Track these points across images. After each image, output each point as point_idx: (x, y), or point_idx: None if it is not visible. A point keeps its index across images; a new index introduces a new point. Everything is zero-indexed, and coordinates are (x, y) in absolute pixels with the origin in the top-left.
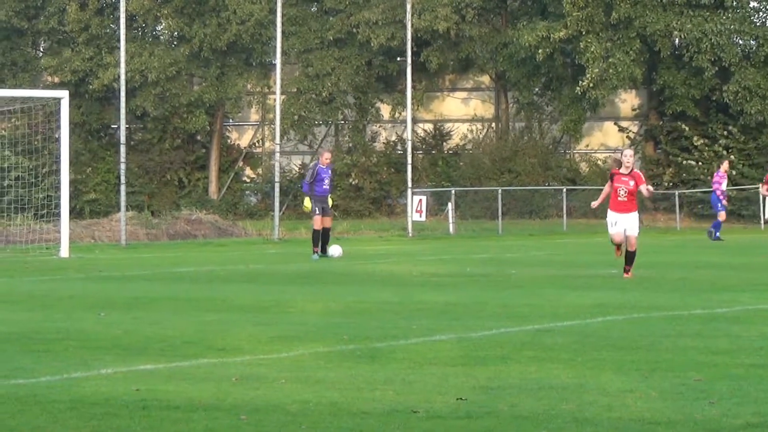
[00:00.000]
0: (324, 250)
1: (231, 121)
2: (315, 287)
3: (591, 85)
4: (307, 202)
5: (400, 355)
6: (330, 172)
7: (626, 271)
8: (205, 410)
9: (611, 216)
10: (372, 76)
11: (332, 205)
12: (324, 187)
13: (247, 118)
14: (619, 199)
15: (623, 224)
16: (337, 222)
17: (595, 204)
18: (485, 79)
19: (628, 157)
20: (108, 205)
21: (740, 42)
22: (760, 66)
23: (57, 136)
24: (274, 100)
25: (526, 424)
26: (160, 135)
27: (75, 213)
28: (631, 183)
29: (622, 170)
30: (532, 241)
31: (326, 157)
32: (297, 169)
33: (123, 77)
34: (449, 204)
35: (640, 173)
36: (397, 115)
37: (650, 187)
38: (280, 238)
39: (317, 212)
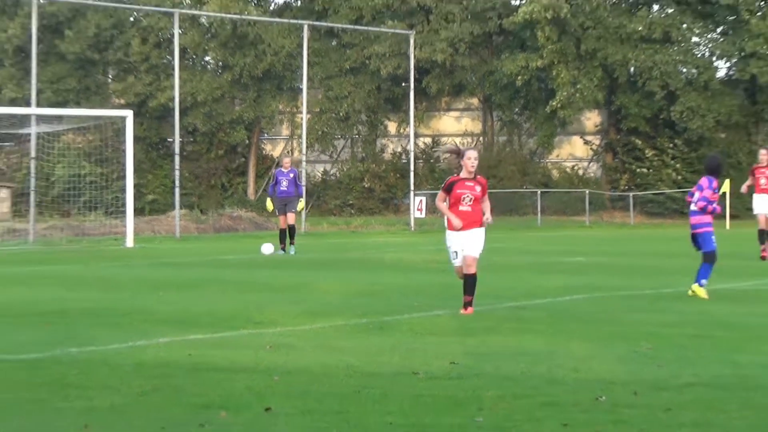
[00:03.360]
0: (283, 246)
1: (266, 135)
2: (335, 272)
3: (561, 105)
4: (269, 204)
5: (404, 327)
6: (291, 175)
7: (466, 305)
8: (244, 372)
9: (451, 239)
10: (381, 99)
11: (351, 204)
12: (282, 189)
13: (279, 133)
14: (461, 208)
15: (462, 244)
16: (353, 218)
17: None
18: (474, 101)
19: (473, 159)
20: (165, 204)
21: (684, 70)
22: (701, 90)
23: (123, 148)
24: (301, 118)
25: (507, 383)
26: (207, 147)
27: (138, 211)
28: (478, 189)
29: (464, 174)
30: (512, 234)
31: (284, 162)
32: (320, 175)
33: (177, 99)
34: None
35: (486, 181)
36: (402, 130)
37: (489, 217)
38: (305, 231)
39: (277, 213)
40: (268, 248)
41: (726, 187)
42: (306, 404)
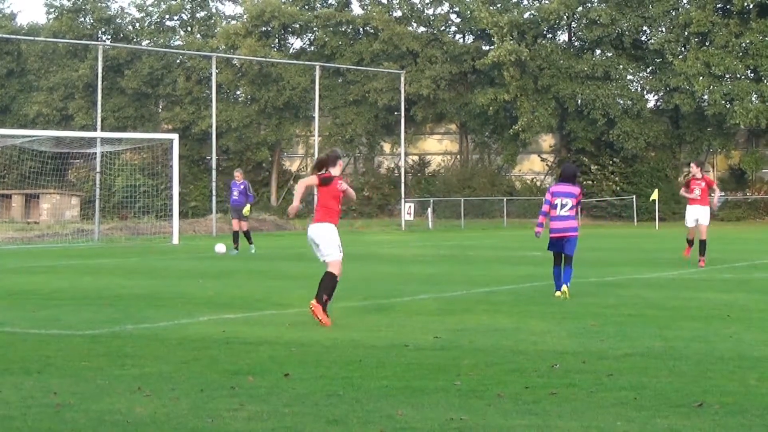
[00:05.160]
0: (236, 246)
1: (285, 154)
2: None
3: (522, 129)
4: (228, 207)
5: (397, 308)
6: (242, 186)
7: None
8: (268, 344)
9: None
10: (378, 125)
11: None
12: (234, 198)
13: (295, 152)
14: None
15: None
16: (355, 220)
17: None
18: (453, 126)
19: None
20: (204, 209)
21: (621, 102)
22: (634, 117)
23: (170, 164)
24: (314, 140)
25: (480, 354)
26: (238, 163)
27: (182, 214)
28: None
29: (335, 171)
30: (484, 233)
31: (236, 175)
32: None
33: (214, 125)
34: (429, 209)
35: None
36: (394, 150)
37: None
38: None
39: (233, 217)
40: (221, 248)
41: (655, 195)
42: (318, 371)
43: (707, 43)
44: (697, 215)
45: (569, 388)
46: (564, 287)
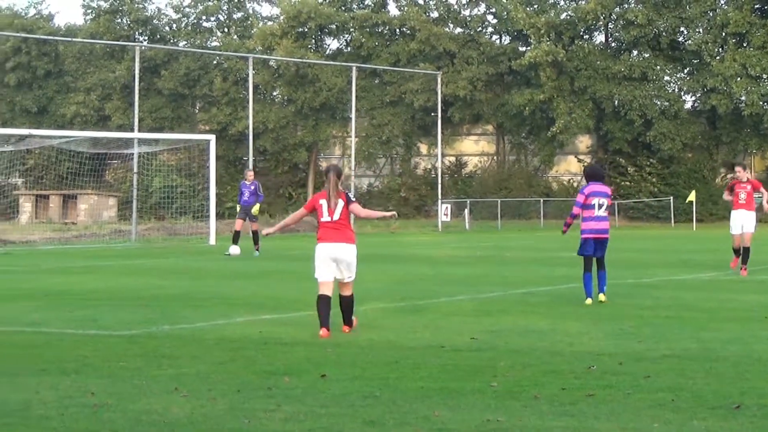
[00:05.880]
0: (234, 245)
1: (322, 155)
2: (378, 264)
3: (559, 131)
4: (238, 208)
5: (433, 310)
6: (252, 187)
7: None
8: (304, 345)
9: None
10: (415, 126)
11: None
12: (244, 199)
13: (332, 153)
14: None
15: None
16: (391, 221)
17: None
18: (489, 127)
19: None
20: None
21: (658, 103)
22: (671, 118)
23: (207, 165)
24: (351, 141)
25: (516, 355)
26: (275, 164)
27: (219, 215)
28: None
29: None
30: (520, 234)
31: (247, 175)
32: (365, 186)
33: (251, 126)
34: (465, 210)
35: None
36: (431, 151)
37: None
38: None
39: (239, 217)
40: (235, 249)
41: (692, 196)
42: (354, 372)
43: (745, 44)
44: (743, 221)
45: (606, 389)
46: (602, 296)
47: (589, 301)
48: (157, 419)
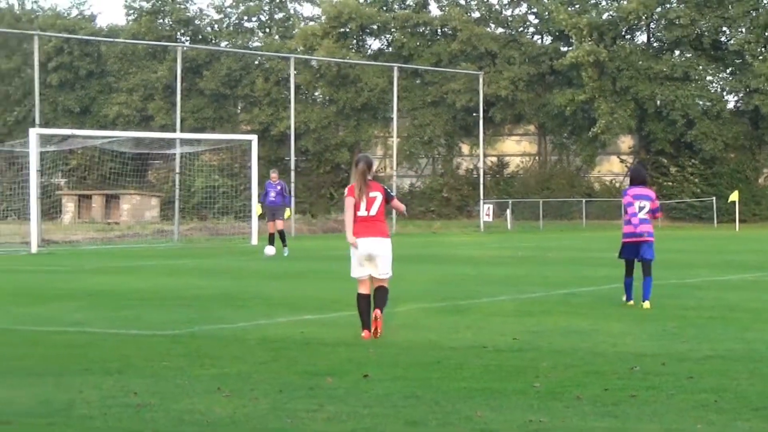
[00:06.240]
0: (272, 244)
1: None
2: (420, 264)
3: (601, 131)
4: (259, 209)
5: (475, 310)
6: (278, 187)
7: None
8: (346, 345)
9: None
10: (456, 126)
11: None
12: (270, 199)
13: (374, 154)
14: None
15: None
16: (434, 221)
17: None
18: (531, 127)
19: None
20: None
21: (700, 103)
22: (713, 118)
23: (249, 165)
24: (392, 141)
25: (559, 355)
26: (317, 164)
27: (260, 216)
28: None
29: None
30: (562, 234)
31: (272, 176)
32: (407, 187)
33: (293, 126)
34: (507, 210)
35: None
36: (473, 151)
37: None
38: (396, 232)
39: (267, 219)
40: (270, 250)
41: (735, 196)
42: (396, 372)
43: None
44: None
45: (649, 390)
46: (646, 303)
47: (630, 302)
48: (199, 419)
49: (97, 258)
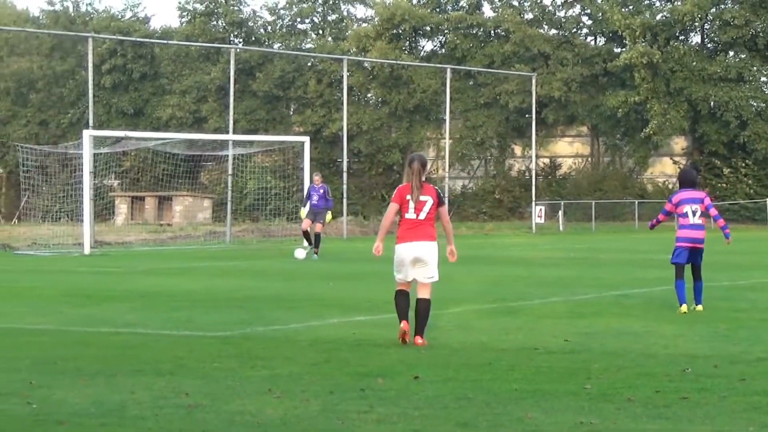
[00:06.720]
0: (316, 247)
1: None
2: (470, 266)
3: (653, 132)
4: (302, 212)
5: (526, 311)
6: (321, 190)
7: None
8: (397, 347)
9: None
10: (509, 127)
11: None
12: (314, 202)
13: (426, 155)
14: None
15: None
16: (486, 223)
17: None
18: (584, 129)
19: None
20: (335, 212)
21: (753, 104)
22: (767, 119)
23: (301, 167)
24: (445, 143)
25: (610, 357)
26: (369, 166)
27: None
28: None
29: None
30: (615, 236)
31: (315, 179)
32: (459, 188)
33: (345, 128)
34: (560, 211)
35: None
36: (525, 152)
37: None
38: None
39: (307, 217)
40: (300, 253)
41: None
42: (447, 373)
43: None
44: None
45: (701, 392)
46: (699, 307)
47: (684, 308)
48: (250, 420)
49: (149, 259)
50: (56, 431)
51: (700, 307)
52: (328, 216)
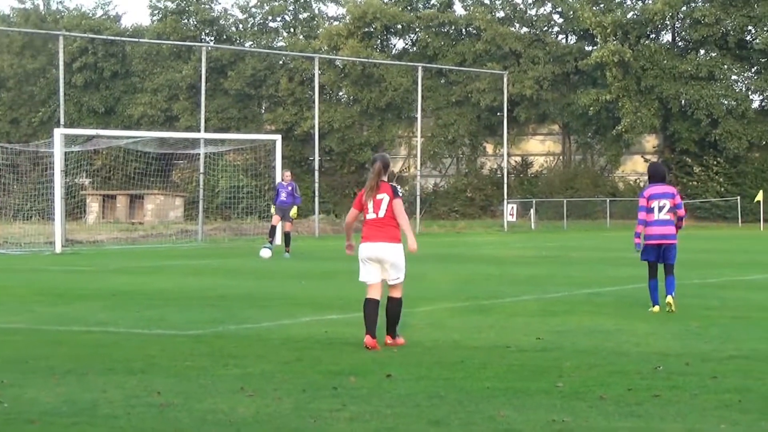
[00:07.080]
0: (287, 246)
1: (388, 155)
2: (443, 264)
3: (625, 130)
4: (272, 209)
5: (498, 309)
6: (289, 188)
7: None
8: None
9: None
10: (480, 125)
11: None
12: (281, 199)
13: (398, 153)
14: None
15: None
16: (458, 221)
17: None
18: (555, 127)
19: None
20: (306, 210)
21: (725, 102)
22: (738, 118)
23: (273, 165)
24: (416, 141)
25: (582, 355)
26: (341, 164)
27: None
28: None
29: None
30: (586, 234)
31: (284, 176)
32: (431, 186)
33: (317, 126)
34: (531, 209)
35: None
36: (497, 151)
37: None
38: (420, 231)
39: (276, 213)
40: (266, 253)
41: (760, 196)
42: (419, 372)
43: None
44: None
45: (672, 390)
46: (669, 298)
47: (656, 308)
48: (222, 419)
49: (121, 258)
50: (27, 430)
51: (670, 298)
52: (293, 210)
